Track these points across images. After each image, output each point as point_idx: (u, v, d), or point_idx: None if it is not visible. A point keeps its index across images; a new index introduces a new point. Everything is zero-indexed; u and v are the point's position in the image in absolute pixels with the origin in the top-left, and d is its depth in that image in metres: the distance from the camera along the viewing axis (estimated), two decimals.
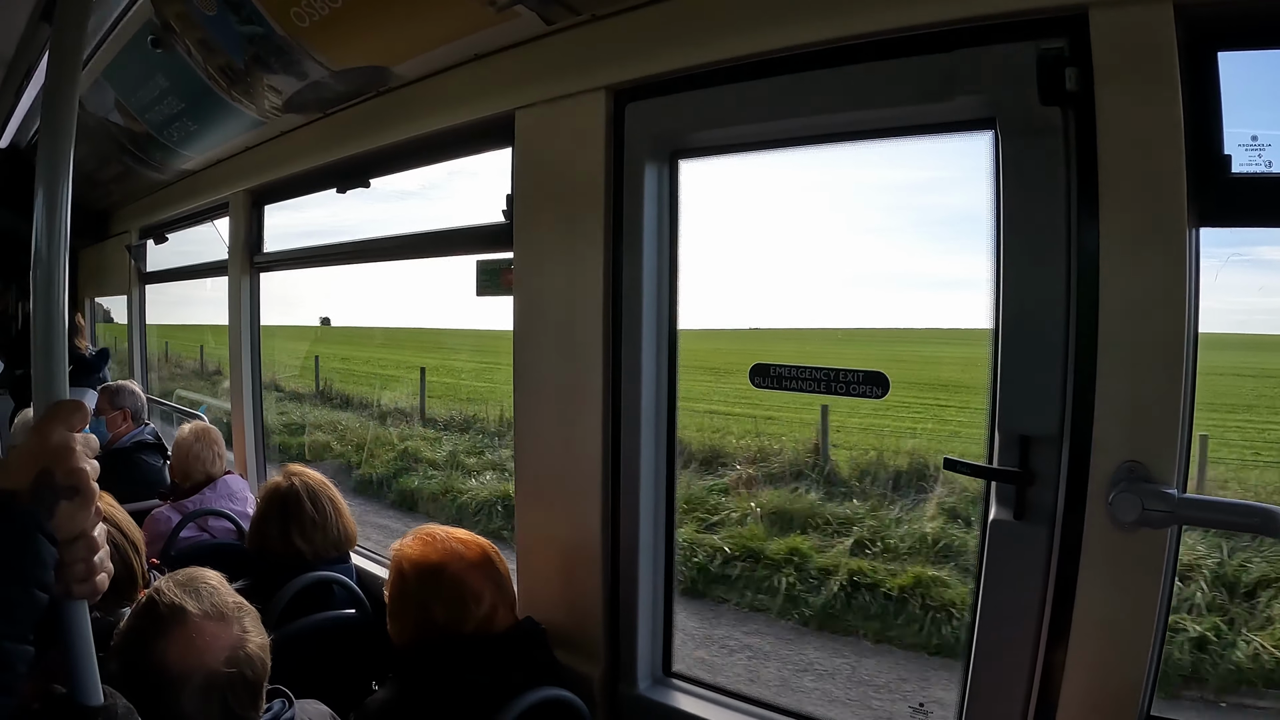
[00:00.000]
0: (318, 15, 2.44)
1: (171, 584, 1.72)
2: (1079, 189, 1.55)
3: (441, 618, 2.03)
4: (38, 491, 1.01)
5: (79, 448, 1.05)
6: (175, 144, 4.06)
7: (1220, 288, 1.59)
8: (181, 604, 1.66)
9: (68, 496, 1.02)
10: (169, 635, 1.61)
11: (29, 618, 0.97)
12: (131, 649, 1.62)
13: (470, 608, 2.03)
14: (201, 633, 1.63)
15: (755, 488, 8.51)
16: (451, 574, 2.05)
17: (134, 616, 1.69)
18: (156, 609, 1.66)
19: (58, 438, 1.04)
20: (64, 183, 1.15)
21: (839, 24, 1.77)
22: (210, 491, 3.45)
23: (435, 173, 2.97)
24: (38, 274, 1.14)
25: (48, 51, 1.22)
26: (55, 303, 1.14)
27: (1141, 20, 1.44)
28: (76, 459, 1.04)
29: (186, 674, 1.58)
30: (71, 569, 1.04)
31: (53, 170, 1.15)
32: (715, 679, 2.28)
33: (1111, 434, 1.52)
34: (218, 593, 1.73)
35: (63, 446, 1.04)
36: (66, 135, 1.16)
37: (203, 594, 1.70)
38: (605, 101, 2.17)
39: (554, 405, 2.37)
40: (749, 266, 7.36)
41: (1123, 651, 1.52)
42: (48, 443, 1.04)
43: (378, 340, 18.47)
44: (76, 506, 1.03)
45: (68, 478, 1.03)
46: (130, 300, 5.97)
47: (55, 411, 1.07)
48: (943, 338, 11.68)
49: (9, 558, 0.96)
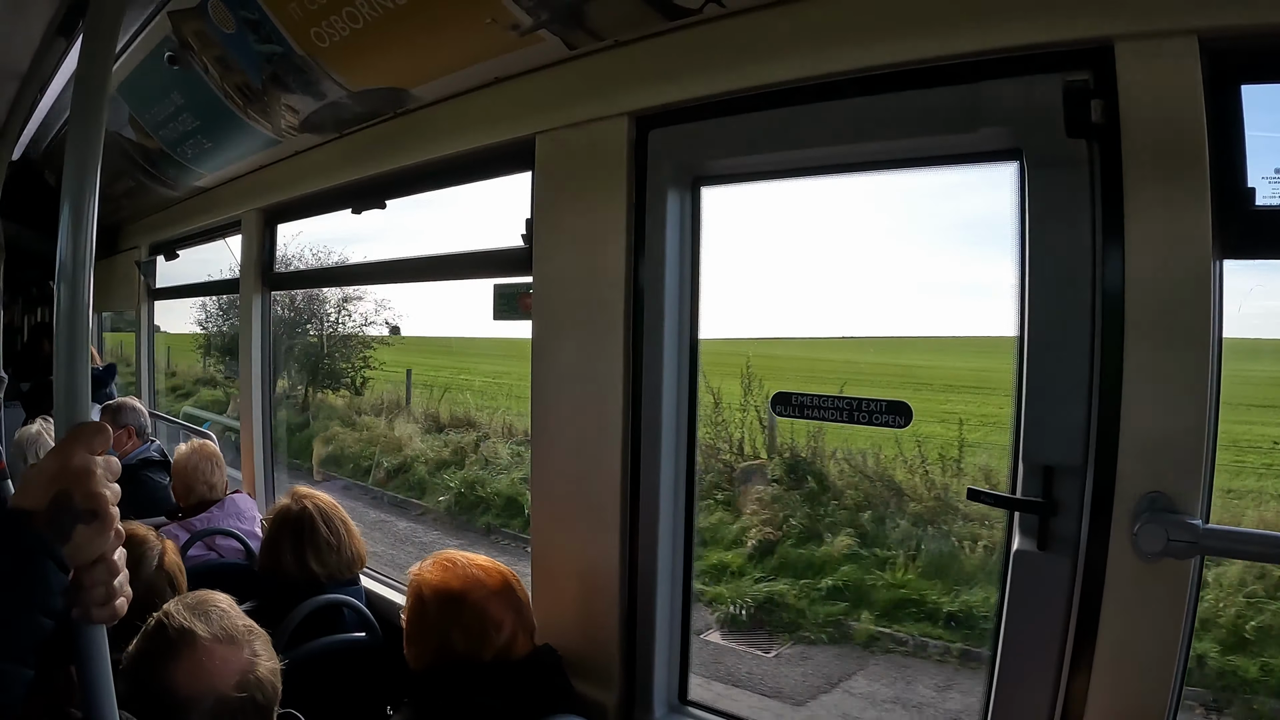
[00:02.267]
0: (338, 36, 2.46)
1: (181, 606, 1.72)
2: (1104, 220, 1.56)
3: (462, 646, 2.01)
4: (54, 514, 1.00)
5: (99, 471, 1.04)
6: (189, 161, 4.08)
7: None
8: (191, 627, 1.65)
9: (86, 520, 1.01)
10: (178, 658, 1.60)
11: (29, 641, 0.96)
12: (140, 672, 1.61)
13: (491, 636, 2.01)
14: (211, 656, 1.63)
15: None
16: (473, 602, 2.03)
17: (143, 639, 1.68)
18: (166, 632, 1.65)
19: (79, 460, 1.03)
20: (90, 200, 1.16)
21: (864, 54, 1.78)
22: (218, 510, 3.45)
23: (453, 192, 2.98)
24: (62, 291, 1.14)
25: (76, 68, 1.21)
26: (79, 321, 1.14)
27: (1166, 54, 1.45)
28: (96, 483, 1.03)
29: (196, 698, 1.57)
30: (91, 593, 1.04)
31: (78, 188, 1.15)
32: (731, 708, 2.27)
33: (1135, 465, 1.52)
34: (227, 615, 1.73)
35: (83, 469, 1.03)
36: (94, 151, 1.17)
37: (212, 617, 1.70)
38: (628, 127, 2.18)
39: (573, 430, 2.36)
40: (777, 288, 7.19)
41: (1145, 682, 1.52)
42: (68, 465, 1.03)
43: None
44: (95, 530, 1.02)
45: (86, 501, 1.02)
46: (139, 316, 6.00)
47: (77, 434, 1.06)
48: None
49: (13, 580, 0.95)
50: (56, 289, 1.14)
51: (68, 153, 1.16)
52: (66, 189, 1.14)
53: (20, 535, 0.97)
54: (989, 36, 1.62)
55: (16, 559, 0.96)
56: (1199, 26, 1.42)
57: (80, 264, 1.14)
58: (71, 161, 1.16)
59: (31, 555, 0.97)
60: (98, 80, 1.20)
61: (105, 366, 5.82)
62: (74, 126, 1.18)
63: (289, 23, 2.53)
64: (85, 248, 1.14)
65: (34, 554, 0.97)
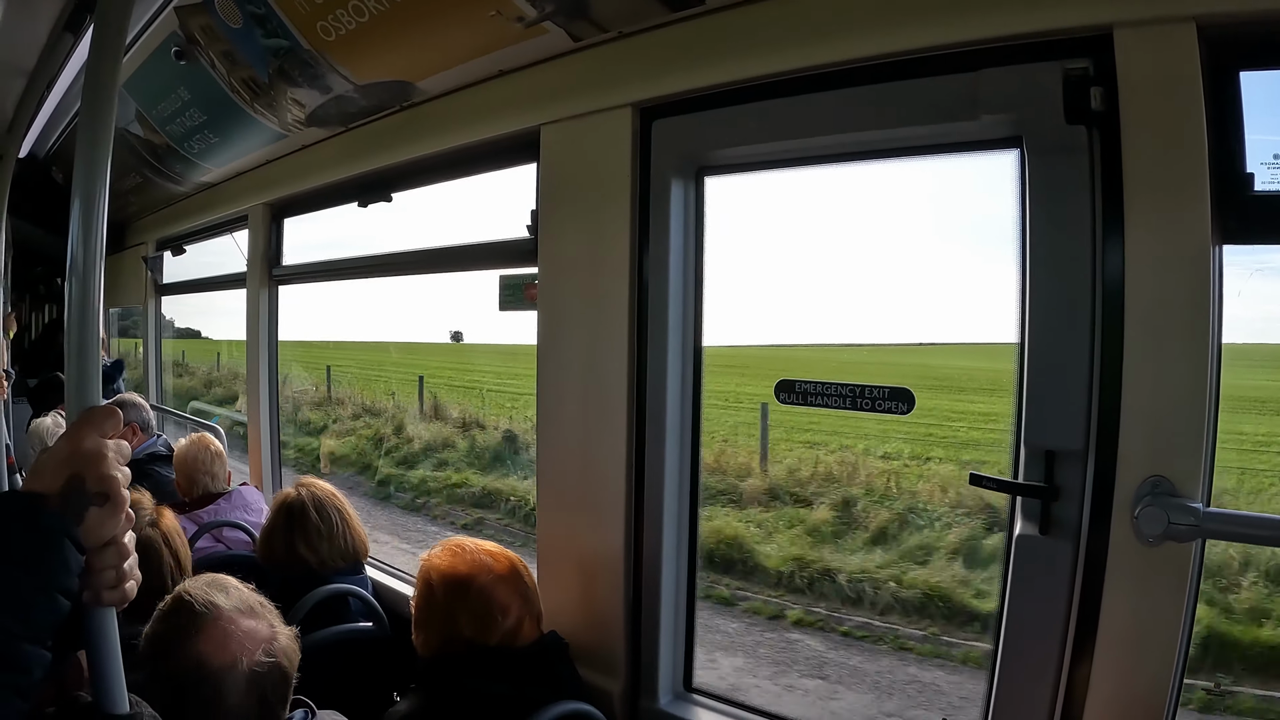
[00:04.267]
0: (344, 29, 2.48)
1: (197, 585, 1.74)
2: (1104, 207, 1.57)
3: (468, 629, 2.03)
4: (68, 496, 1.00)
5: (111, 454, 1.05)
6: (195, 156, 4.10)
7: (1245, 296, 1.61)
8: (213, 600, 1.68)
9: (98, 503, 1.02)
10: (205, 630, 1.63)
11: (48, 622, 0.96)
12: (168, 650, 1.62)
13: (497, 620, 2.03)
14: (238, 626, 1.66)
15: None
16: (479, 586, 2.05)
17: (163, 618, 1.69)
18: (190, 607, 1.67)
19: (90, 443, 1.04)
20: (100, 195, 1.16)
21: (864, 44, 1.79)
22: (225, 502, 3.48)
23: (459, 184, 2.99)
24: (73, 283, 1.14)
25: (86, 62, 1.21)
26: (90, 312, 1.15)
27: (1165, 41, 1.46)
28: (108, 465, 1.04)
29: (227, 667, 1.60)
30: (101, 575, 1.04)
31: (89, 182, 1.15)
32: (737, 695, 2.28)
33: (1136, 449, 1.53)
34: (242, 591, 1.76)
35: (94, 452, 1.03)
36: (104, 147, 1.17)
37: (230, 592, 1.73)
38: (631, 118, 2.19)
39: (578, 419, 2.38)
40: (783, 280, 7.11)
41: (1148, 665, 1.52)
42: (80, 448, 1.03)
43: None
44: (106, 513, 1.03)
45: (98, 484, 1.02)
46: (146, 312, 6.01)
47: (88, 417, 1.07)
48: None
49: (33, 561, 0.96)
50: (68, 282, 1.15)
51: (78, 148, 1.16)
52: (77, 184, 1.15)
53: (38, 517, 0.98)
54: (989, 25, 1.63)
55: (35, 541, 0.96)
56: (1198, 13, 1.43)
57: (91, 257, 1.14)
58: (82, 156, 1.16)
59: (50, 536, 0.97)
60: (107, 75, 1.20)
61: (113, 362, 5.84)
62: (84, 122, 1.18)
63: (296, 17, 2.55)
64: (96, 241, 1.15)
65: (53, 535, 0.97)
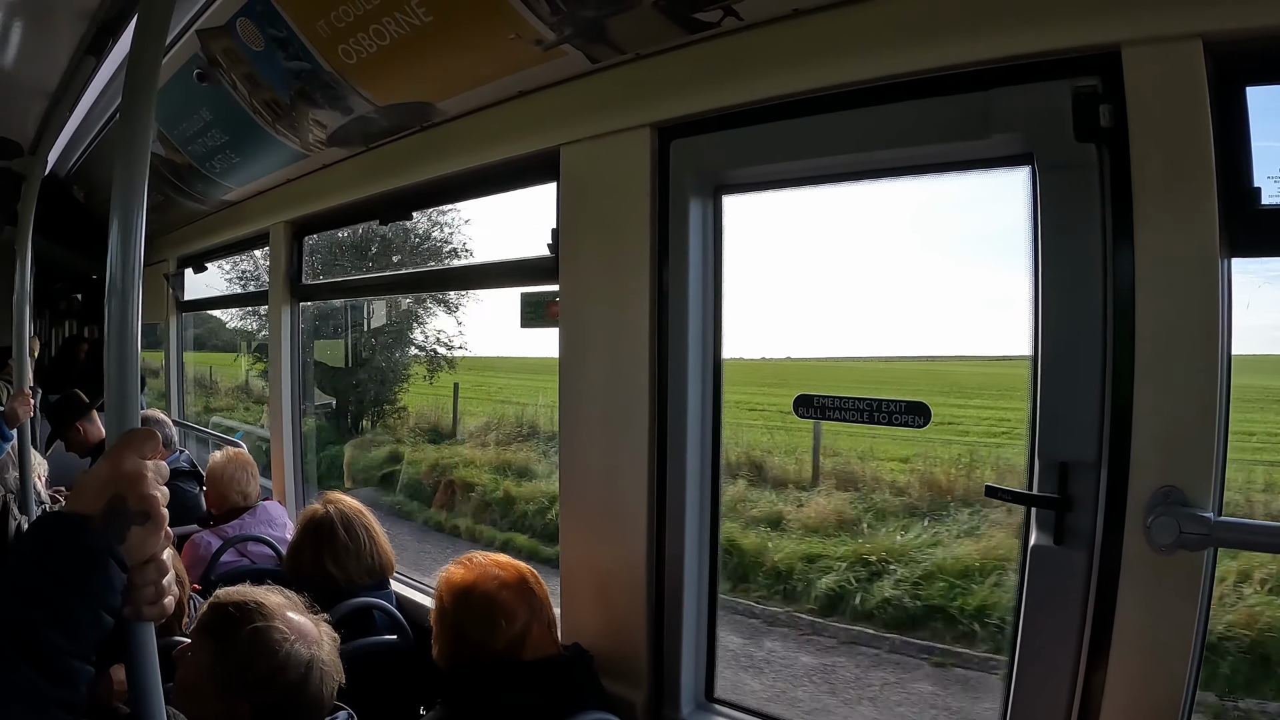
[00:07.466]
0: (365, 53, 2.52)
1: (237, 591, 1.79)
2: (1114, 221, 1.59)
3: (473, 634, 2.05)
4: (110, 516, 1.03)
5: (150, 475, 1.08)
6: (217, 175, 4.14)
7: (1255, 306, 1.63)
8: (276, 600, 1.74)
9: (139, 522, 1.05)
10: (289, 624, 1.69)
11: (94, 638, 1.00)
12: (256, 651, 1.67)
13: (501, 624, 2.04)
14: (305, 619, 1.73)
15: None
16: (482, 591, 2.08)
17: (222, 625, 1.73)
18: (262, 609, 1.71)
19: (130, 465, 1.07)
20: (137, 216, 1.18)
21: (878, 64, 1.83)
22: (250, 517, 3.50)
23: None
24: (112, 303, 1.16)
25: (125, 81, 1.22)
26: (129, 332, 1.16)
27: (1172, 58, 1.48)
28: (148, 485, 1.07)
29: (312, 658, 1.67)
30: (141, 592, 1.07)
31: (126, 204, 1.17)
32: (758, 704, 2.29)
33: (1148, 459, 1.54)
34: (292, 597, 1.82)
35: (135, 474, 1.06)
36: (140, 169, 1.19)
37: (270, 593, 1.77)
38: (650, 138, 2.22)
39: (600, 433, 2.40)
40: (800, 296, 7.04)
41: (1162, 673, 1.54)
42: (120, 469, 1.06)
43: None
44: (147, 531, 1.06)
45: (139, 504, 1.05)
46: (168, 329, 6.05)
47: (128, 439, 1.10)
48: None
49: (81, 580, 0.99)
50: (107, 302, 1.16)
51: (116, 172, 1.18)
52: (115, 206, 1.17)
53: (83, 537, 1.01)
54: (1000, 45, 1.66)
55: (82, 560, 1.00)
56: (1204, 30, 1.45)
57: (130, 276, 1.16)
58: (119, 180, 1.18)
59: (95, 555, 1.01)
60: (144, 95, 1.21)
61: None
62: (121, 145, 1.20)
63: (317, 40, 2.59)
64: (134, 260, 1.17)
65: (98, 554, 1.01)
